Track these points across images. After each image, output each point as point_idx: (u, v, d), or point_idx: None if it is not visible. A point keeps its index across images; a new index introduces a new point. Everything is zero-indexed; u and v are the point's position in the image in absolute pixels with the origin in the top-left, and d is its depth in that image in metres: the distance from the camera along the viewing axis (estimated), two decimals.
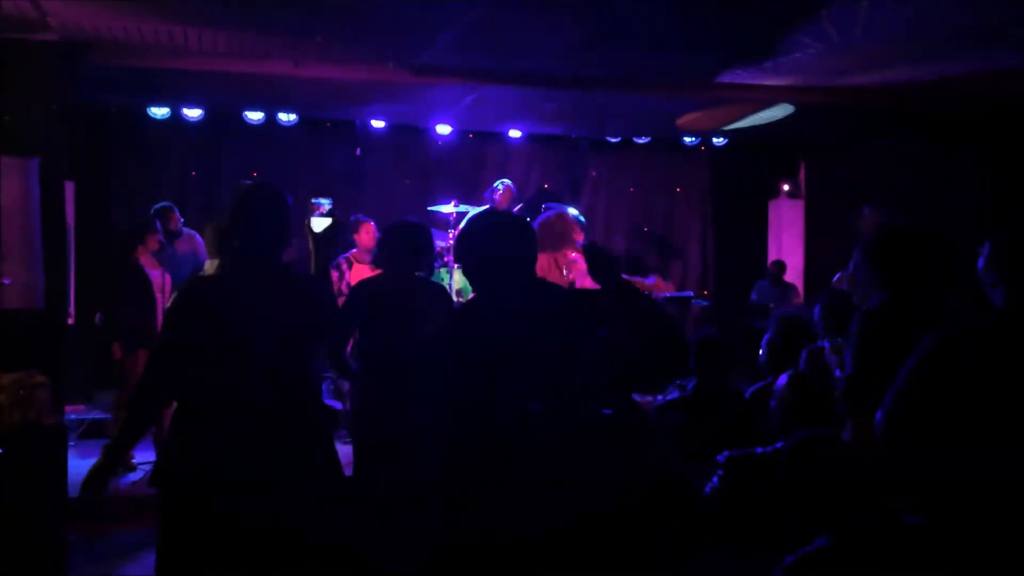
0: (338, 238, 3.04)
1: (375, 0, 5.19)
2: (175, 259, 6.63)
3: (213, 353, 2.81)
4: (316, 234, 3.09)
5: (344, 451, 3.37)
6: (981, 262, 2.53)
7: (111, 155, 9.17)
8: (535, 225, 6.76)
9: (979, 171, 8.38)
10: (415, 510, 3.36)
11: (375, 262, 4.14)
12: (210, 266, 3.78)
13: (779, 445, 3.17)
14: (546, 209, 9.17)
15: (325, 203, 3.13)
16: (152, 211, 7.21)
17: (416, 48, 6.28)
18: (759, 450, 3.20)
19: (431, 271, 4.16)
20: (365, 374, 4.05)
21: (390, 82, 7.18)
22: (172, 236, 6.93)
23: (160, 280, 6.02)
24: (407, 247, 4.06)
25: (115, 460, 2.94)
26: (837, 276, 8.02)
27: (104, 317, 6.19)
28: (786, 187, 10.42)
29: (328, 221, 3.10)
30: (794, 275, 9.92)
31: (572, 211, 7.82)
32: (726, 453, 3.25)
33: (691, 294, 9.67)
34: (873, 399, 2.89)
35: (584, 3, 5.23)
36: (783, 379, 3.38)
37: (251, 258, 2.92)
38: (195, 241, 7.40)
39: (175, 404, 2.96)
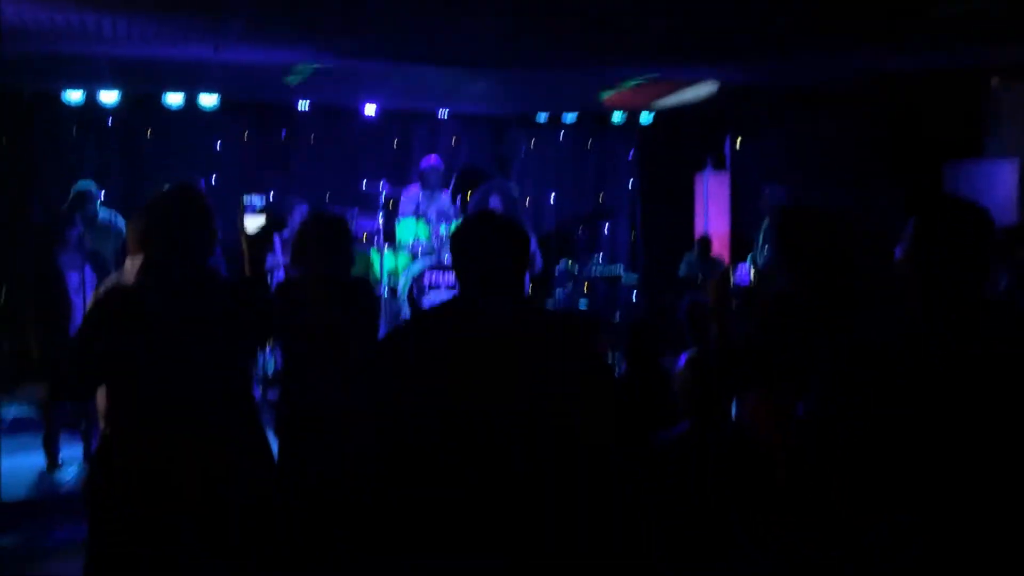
0: (272, 238, 2.96)
1: None
2: (97, 245, 6.44)
3: (133, 366, 2.76)
4: (249, 235, 3.01)
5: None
6: (899, 251, 2.41)
7: (26, 143, 8.87)
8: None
9: (884, 148, 8.59)
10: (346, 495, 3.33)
11: (292, 261, 3.93)
12: (131, 264, 3.63)
13: (684, 425, 3.21)
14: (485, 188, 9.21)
15: (257, 201, 3.05)
16: (71, 196, 6.94)
17: (342, 31, 6.21)
18: (663, 435, 3.19)
19: (351, 265, 3.96)
20: (293, 375, 3.93)
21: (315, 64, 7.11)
22: (90, 221, 6.69)
23: (79, 281, 5.85)
24: (324, 243, 3.81)
25: None
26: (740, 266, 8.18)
27: (20, 322, 6.04)
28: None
29: (262, 219, 3.02)
30: (720, 245, 10.11)
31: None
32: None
33: (621, 268, 9.82)
34: (773, 380, 2.92)
35: None
36: (681, 361, 3.35)
37: (169, 267, 2.85)
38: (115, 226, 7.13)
39: (106, 416, 2.92)
